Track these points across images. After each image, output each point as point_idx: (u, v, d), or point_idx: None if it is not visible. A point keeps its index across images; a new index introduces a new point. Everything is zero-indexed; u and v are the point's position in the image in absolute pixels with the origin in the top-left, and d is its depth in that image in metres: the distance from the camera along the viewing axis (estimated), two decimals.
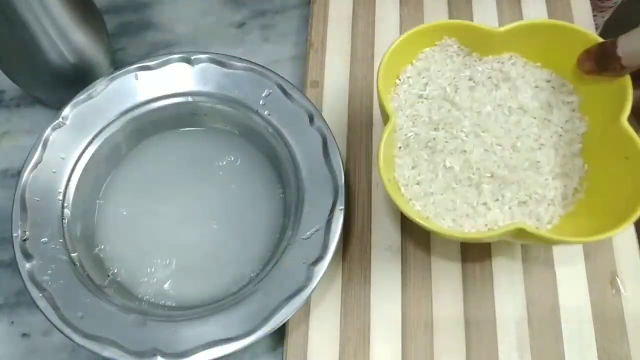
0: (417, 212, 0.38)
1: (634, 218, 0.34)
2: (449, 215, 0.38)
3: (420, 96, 0.41)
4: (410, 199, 0.39)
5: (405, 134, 0.40)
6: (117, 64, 0.51)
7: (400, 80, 0.42)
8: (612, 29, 0.76)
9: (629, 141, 0.36)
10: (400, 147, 0.40)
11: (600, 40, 0.38)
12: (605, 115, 0.39)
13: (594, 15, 0.74)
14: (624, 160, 0.37)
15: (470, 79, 0.42)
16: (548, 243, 0.41)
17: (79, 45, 0.45)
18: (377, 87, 0.38)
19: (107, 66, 0.49)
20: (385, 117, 0.38)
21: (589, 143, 0.40)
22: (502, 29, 0.40)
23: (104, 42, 0.48)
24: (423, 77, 0.42)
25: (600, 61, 0.37)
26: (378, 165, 0.36)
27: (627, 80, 0.37)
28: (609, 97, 0.38)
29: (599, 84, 0.39)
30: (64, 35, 0.43)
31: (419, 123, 0.41)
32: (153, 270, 0.42)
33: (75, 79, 0.46)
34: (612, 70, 0.37)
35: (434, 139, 0.40)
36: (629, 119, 0.37)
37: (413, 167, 0.39)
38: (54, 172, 0.42)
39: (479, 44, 0.41)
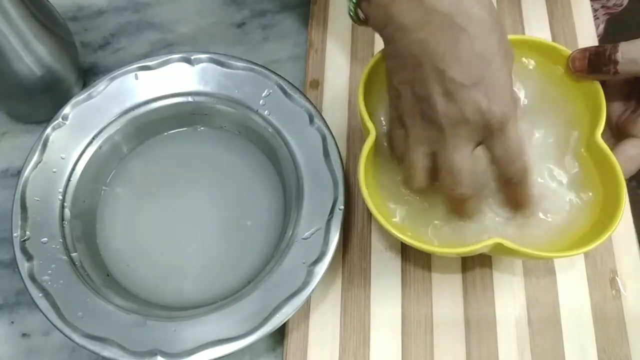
0: (395, 223, 0.38)
1: (608, 234, 0.34)
2: (433, 227, 0.38)
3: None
4: (395, 212, 0.39)
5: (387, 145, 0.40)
6: (88, 76, 0.52)
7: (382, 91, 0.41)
8: (614, 27, 0.77)
9: (604, 157, 0.37)
10: (383, 158, 0.40)
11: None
12: (583, 130, 0.39)
13: (604, 14, 0.74)
14: (601, 176, 0.37)
15: None
16: (527, 258, 0.41)
17: (44, 59, 0.44)
18: (358, 102, 0.38)
19: (75, 78, 0.49)
20: (367, 131, 0.38)
21: (575, 156, 0.40)
22: None
23: (70, 55, 0.48)
24: None
25: (595, 62, 0.37)
26: (359, 178, 0.36)
27: (602, 97, 0.38)
28: (586, 112, 0.39)
29: (576, 100, 0.40)
30: (28, 48, 0.43)
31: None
32: (153, 270, 0.42)
33: (42, 93, 0.46)
34: (605, 72, 0.37)
35: None
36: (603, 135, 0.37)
37: (396, 178, 0.39)
38: (54, 172, 0.42)
39: None
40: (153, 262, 0.43)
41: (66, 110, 0.43)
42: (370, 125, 0.38)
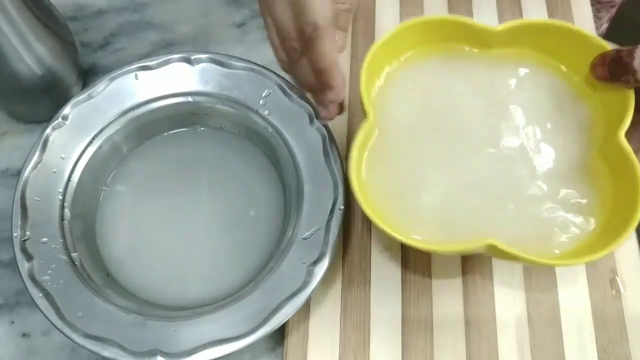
0: (386, 219, 0.37)
1: (622, 241, 0.33)
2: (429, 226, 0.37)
3: (408, 100, 0.40)
4: (387, 204, 0.38)
5: (387, 136, 0.39)
6: (87, 75, 0.52)
7: (386, 77, 0.41)
8: (617, 27, 0.76)
9: (624, 157, 0.35)
10: (379, 149, 0.39)
11: (604, 43, 0.36)
12: (605, 128, 0.38)
13: (607, 12, 0.74)
14: (618, 178, 0.36)
15: (468, 86, 0.40)
16: (527, 263, 0.39)
17: (44, 58, 0.44)
18: (360, 82, 0.37)
19: (75, 78, 0.49)
20: (364, 114, 0.37)
21: (592, 156, 0.38)
22: (500, 27, 0.39)
23: (70, 55, 0.48)
24: (413, 80, 0.40)
25: (615, 70, 0.35)
26: (349, 167, 0.35)
27: (630, 94, 0.35)
28: (611, 110, 0.37)
29: (602, 95, 0.38)
30: (29, 48, 0.43)
31: (404, 127, 0.39)
32: (153, 270, 0.42)
33: (43, 93, 0.46)
34: (625, 82, 0.35)
35: (420, 145, 0.39)
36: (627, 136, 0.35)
37: (392, 172, 0.38)
38: (54, 172, 0.42)
39: (476, 43, 0.40)
40: (153, 262, 0.43)
41: (66, 110, 0.43)
42: (369, 109, 0.37)
